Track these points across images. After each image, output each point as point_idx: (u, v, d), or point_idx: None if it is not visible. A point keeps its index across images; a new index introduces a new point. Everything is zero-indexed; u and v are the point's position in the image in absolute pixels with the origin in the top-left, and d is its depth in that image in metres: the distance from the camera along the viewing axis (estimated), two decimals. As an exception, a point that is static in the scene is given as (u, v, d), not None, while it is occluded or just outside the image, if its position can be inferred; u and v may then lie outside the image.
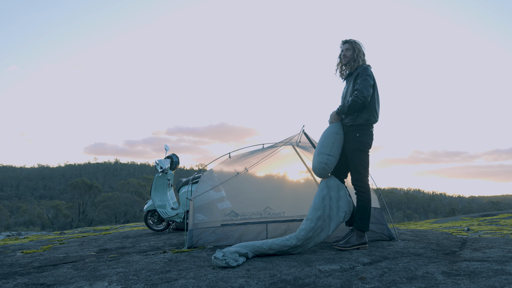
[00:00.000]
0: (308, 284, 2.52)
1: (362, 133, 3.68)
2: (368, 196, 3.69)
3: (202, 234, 4.22)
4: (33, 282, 2.81)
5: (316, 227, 3.59)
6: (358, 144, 3.67)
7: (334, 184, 3.76)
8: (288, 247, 3.48)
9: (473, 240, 4.25)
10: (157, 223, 6.15)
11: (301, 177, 5.18)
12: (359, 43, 3.87)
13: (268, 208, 4.79)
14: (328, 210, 3.67)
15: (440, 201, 70.98)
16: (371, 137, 3.74)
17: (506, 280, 2.43)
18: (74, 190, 41.32)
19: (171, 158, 6.20)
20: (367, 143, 3.70)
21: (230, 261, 3.03)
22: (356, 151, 3.67)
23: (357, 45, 3.84)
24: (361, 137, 3.67)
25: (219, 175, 4.70)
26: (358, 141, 3.67)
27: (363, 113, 3.65)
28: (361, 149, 3.68)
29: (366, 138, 3.69)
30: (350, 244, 3.62)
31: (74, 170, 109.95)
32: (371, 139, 3.75)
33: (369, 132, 3.73)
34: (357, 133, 3.68)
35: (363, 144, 3.68)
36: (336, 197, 3.71)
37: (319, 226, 3.61)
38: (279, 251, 3.48)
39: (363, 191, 3.68)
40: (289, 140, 4.76)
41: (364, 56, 3.86)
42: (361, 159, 3.67)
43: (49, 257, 3.95)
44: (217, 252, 3.09)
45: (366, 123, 3.67)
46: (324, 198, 3.69)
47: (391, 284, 2.46)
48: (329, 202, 3.69)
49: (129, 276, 2.85)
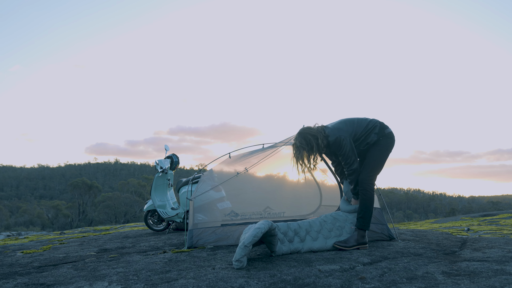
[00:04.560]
0: (308, 284, 2.52)
1: (385, 138, 3.79)
2: (372, 196, 3.74)
3: (202, 234, 4.22)
4: (33, 282, 2.81)
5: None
6: (385, 147, 3.77)
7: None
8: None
9: (473, 240, 4.25)
10: (157, 223, 6.15)
11: (301, 177, 5.18)
12: (305, 143, 3.63)
13: (268, 208, 4.79)
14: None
15: (440, 201, 70.97)
16: (393, 141, 3.85)
17: (506, 280, 2.43)
18: (74, 190, 41.29)
19: (171, 158, 6.20)
20: (390, 147, 3.81)
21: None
22: (378, 150, 3.76)
23: (303, 144, 3.64)
24: (388, 143, 3.79)
25: (219, 175, 4.70)
26: (385, 144, 3.77)
27: (370, 136, 3.73)
28: (384, 149, 3.78)
29: (389, 142, 3.80)
30: (350, 244, 3.62)
31: (74, 170, 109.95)
32: (392, 146, 3.86)
33: (391, 138, 3.83)
34: (384, 141, 3.78)
35: (387, 146, 3.79)
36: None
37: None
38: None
39: (368, 190, 3.71)
40: (289, 140, 4.76)
41: (312, 135, 3.65)
42: (380, 158, 3.76)
43: (49, 257, 3.95)
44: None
45: (380, 137, 3.76)
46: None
47: (391, 284, 2.46)
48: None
49: (129, 276, 2.85)
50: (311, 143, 3.64)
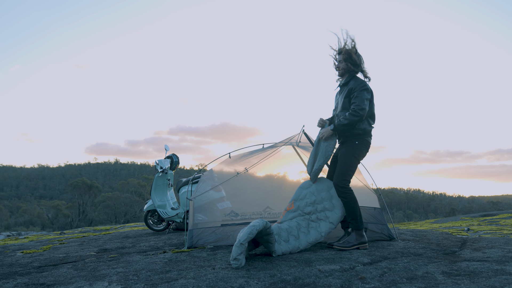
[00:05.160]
0: (308, 284, 2.52)
1: (360, 142, 3.75)
2: (352, 195, 3.70)
3: (202, 234, 4.22)
4: (33, 282, 2.81)
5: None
6: (354, 150, 3.74)
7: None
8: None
9: (473, 240, 4.25)
10: (157, 223, 6.15)
11: (301, 177, 5.18)
12: (351, 49, 3.71)
13: (268, 208, 4.79)
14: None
15: (440, 201, 70.91)
16: (367, 147, 3.81)
17: (506, 280, 2.43)
18: (74, 190, 41.27)
19: (171, 158, 6.20)
20: (362, 152, 3.78)
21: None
22: (349, 156, 3.73)
23: (348, 52, 3.71)
24: (359, 145, 3.74)
25: (219, 175, 4.70)
26: (355, 148, 3.74)
27: (360, 123, 3.71)
28: (355, 154, 3.74)
29: (363, 147, 3.76)
30: (350, 244, 3.62)
31: (74, 170, 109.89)
32: (367, 150, 3.82)
33: (367, 142, 3.79)
34: (356, 141, 3.74)
35: (359, 152, 3.75)
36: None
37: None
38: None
39: (346, 192, 3.69)
40: (289, 140, 4.76)
41: (359, 59, 3.74)
42: (350, 165, 3.72)
43: (49, 257, 3.95)
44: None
45: (363, 132, 3.74)
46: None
47: (391, 284, 2.46)
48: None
49: (129, 276, 2.85)
50: (353, 55, 3.71)
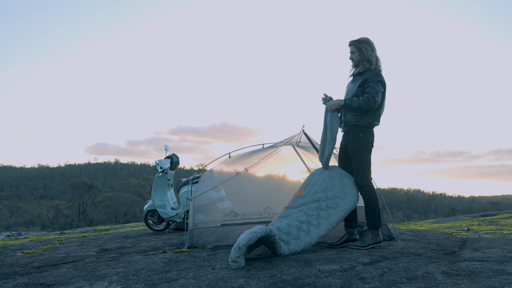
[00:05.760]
0: (308, 284, 2.52)
1: (365, 134, 3.72)
2: (374, 194, 3.72)
3: (202, 234, 4.22)
4: (33, 282, 2.81)
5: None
6: (362, 144, 3.71)
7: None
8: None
9: (473, 240, 4.25)
10: (157, 223, 6.15)
11: (301, 177, 5.18)
12: (365, 40, 3.74)
13: (268, 208, 4.79)
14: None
15: (440, 201, 70.89)
16: (373, 137, 3.79)
17: (506, 280, 2.43)
18: (74, 190, 41.28)
19: (171, 158, 6.21)
20: (370, 143, 3.75)
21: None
22: (360, 151, 3.71)
23: (363, 45, 3.73)
24: (364, 137, 3.72)
25: (219, 175, 4.70)
26: (362, 141, 3.71)
27: (368, 116, 3.69)
28: (365, 148, 3.72)
29: (370, 138, 3.75)
30: (366, 243, 3.63)
31: (74, 170, 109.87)
32: (373, 139, 3.80)
33: (372, 132, 3.78)
34: (361, 133, 3.72)
35: (367, 144, 3.73)
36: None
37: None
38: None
39: (368, 190, 3.70)
40: (289, 140, 4.76)
41: (374, 52, 3.75)
42: (365, 159, 3.72)
43: (49, 257, 3.95)
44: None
45: (369, 125, 3.72)
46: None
47: (391, 284, 2.46)
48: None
49: (129, 276, 2.85)
50: (367, 47, 3.72)
